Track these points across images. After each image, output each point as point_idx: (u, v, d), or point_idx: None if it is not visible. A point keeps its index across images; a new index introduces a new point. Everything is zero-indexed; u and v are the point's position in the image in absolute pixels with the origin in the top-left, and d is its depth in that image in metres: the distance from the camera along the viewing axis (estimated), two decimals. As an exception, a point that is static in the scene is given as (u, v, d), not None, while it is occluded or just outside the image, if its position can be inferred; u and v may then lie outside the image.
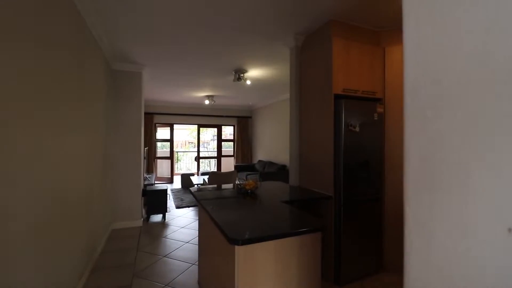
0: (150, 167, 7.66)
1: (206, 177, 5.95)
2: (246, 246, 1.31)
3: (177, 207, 5.30)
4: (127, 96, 4.14)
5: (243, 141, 9.01)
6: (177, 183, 8.24)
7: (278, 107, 7.30)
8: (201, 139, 9.21)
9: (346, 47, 2.53)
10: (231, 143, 9.33)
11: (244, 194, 2.39)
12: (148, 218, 4.49)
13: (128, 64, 4.07)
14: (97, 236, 3.10)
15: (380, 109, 2.67)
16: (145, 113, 7.48)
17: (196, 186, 6.04)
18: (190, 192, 2.57)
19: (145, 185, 4.89)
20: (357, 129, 2.47)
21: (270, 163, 7.03)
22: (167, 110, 8.10)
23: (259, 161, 7.91)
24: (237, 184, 2.54)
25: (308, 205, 2.70)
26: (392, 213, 2.71)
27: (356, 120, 2.49)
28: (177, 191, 6.83)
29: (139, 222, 4.19)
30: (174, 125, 8.40)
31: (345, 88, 2.50)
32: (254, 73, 4.52)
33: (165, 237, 3.73)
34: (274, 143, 7.55)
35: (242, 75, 4.34)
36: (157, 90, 6.22)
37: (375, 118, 2.63)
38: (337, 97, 2.49)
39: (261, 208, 1.93)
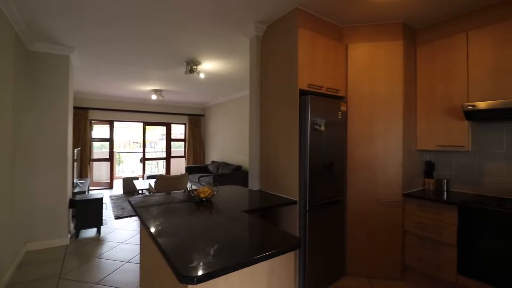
0: (84, 171, 6.58)
1: (152, 181, 5.29)
2: (203, 284, 0.96)
3: (117, 218, 4.56)
4: (49, 84, 3.35)
5: (195, 140, 8.44)
6: (118, 188, 7.27)
7: (234, 105, 6.97)
8: (148, 138, 8.34)
9: (311, 39, 2.34)
10: (182, 143, 8.66)
11: (198, 203, 2.01)
12: (77, 234, 3.71)
13: (51, 45, 3.29)
14: (0, 264, 2.35)
15: (343, 108, 2.56)
16: (77, 108, 6.43)
17: (140, 192, 5.34)
18: (130, 203, 2.08)
19: (74, 193, 4.07)
20: (323, 128, 2.31)
21: (225, 164, 6.67)
22: (106, 105, 7.08)
23: (213, 162, 7.47)
24: (190, 191, 2.14)
25: (269, 210, 2.44)
26: (354, 214, 2.63)
27: (321, 118, 2.32)
28: (118, 198, 5.97)
29: (65, 240, 3.42)
30: (115, 122, 7.39)
31: (311, 83, 2.32)
32: (208, 66, 4.11)
33: (99, 256, 3.08)
34: (229, 143, 7.20)
35: (195, 67, 3.90)
36: (93, 81, 5.31)
37: (339, 117, 2.51)
38: (302, 93, 2.29)
39: (219, 221, 1.58)
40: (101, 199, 3.82)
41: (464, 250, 2.17)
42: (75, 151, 4.80)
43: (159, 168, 9.90)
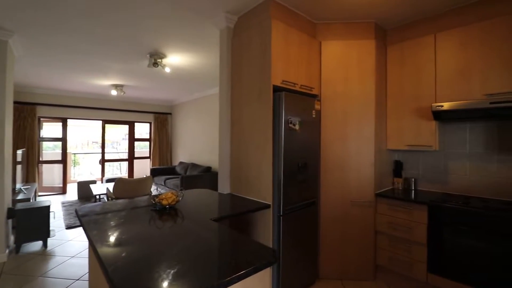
0: (31, 175, 5.81)
1: (111, 185, 4.80)
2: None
3: (69, 227, 4.05)
4: (-22, 73, 2.81)
5: (162, 140, 7.96)
6: (72, 193, 6.56)
7: (204, 103, 6.67)
8: (109, 138, 7.68)
9: (285, 33, 2.21)
10: (147, 143, 8.12)
11: (160, 212, 1.76)
12: (18, 248, 3.19)
13: (-20, 26, 2.77)
14: None
15: (317, 106, 2.47)
16: (21, 103, 5.68)
17: (97, 197, 4.83)
18: (76, 213, 1.76)
19: (15, 201, 3.51)
20: (297, 127, 2.19)
21: (193, 165, 6.34)
22: (58, 100, 6.34)
23: (180, 163, 7.09)
24: (150, 196, 1.88)
25: (241, 216, 2.26)
26: (327, 216, 2.56)
27: (296, 117, 2.20)
28: (71, 205, 5.36)
29: (1, 257, 2.91)
30: (69, 120, 6.66)
31: (284, 80, 2.18)
32: (175, 59, 3.81)
33: (44, 274, 2.65)
34: (198, 143, 6.88)
35: (160, 60, 3.58)
36: (41, 73, 4.68)
37: (313, 116, 2.41)
38: (276, 89, 2.15)
39: (183, 233, 1.37)
40: (47, 207, 3.33)
41: (434, 248, 2.20)
42: (18, 152, 4.18)
43: (121, 170, 9.21)
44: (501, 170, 2.29)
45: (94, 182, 6.15)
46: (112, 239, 1.27)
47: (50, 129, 7.07)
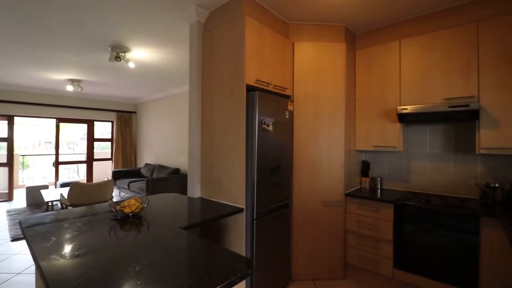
0: (-33, 180, 5.05)
1: (66, 190, 4.35)
2: None
3: (14, 239, 3.57)
4: None
5: (125, 141, 7.47)
6: (20, 200, 5.85)
7: (172, 101, 6.37)
8: (65, 138, 7.01)
9: (259, 31, 2.15)
10: (109, 143, 7.55)
11: (121, 221, 1.59)
12: None
13: None
14: None
15: (290, 107, 2.45)
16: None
17: (49, 204, 4.34)
18: (20, 226, 1.52)
19: None
20: (271, 127, 2.14)
21: (160, 167, 6.03)
22: (3, 96, 5.62)
23: (146, 164, 6.70)
24: (111, 204, 1.69)
25: (213, 222, 2.15)
26: (299, 217, 2.56)
27: (269, 117, 2.15)
28: (18, 213, 4.76)
29: None
30: (16, 118, 5.93)
31: (258, 79, 2.12)
32: (140, 54, 3.56)
33: (-21, 296, 2.29)
34: (165, 144, 6.56)
35: (123, 54, 3.31)
36: (-22, 63, 4.08)
37: (286, 117, 2.39)
38: (249, 89, 2.08)
39: (149, 246, 1.24)
40: (-14, 217, 2.89)
41: (399, 245, 2.30)
42: None
43: (79, 174, 8.48)
44: (457, 169, 2.47)
45: (46, 187, 5.54)
46: (63, 256, 1.10)
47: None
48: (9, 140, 5.92)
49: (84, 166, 7.26)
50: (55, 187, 6.01)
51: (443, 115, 2.25)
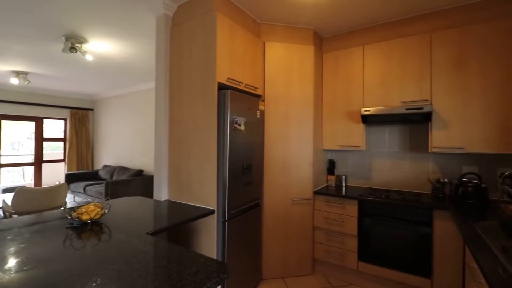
0: None
1: (10, 196, 3.85)
2: None
3: None
4: None
5: (81, 140, 6.86)
6: (-52, 208, 5.02)
7: (135, 98, 6.00)
8: (8, 138, 6.21)
9: (231, 28, 2.11)
10: (61, 144, 6.87)
11: (79, 229, 1.44)
12: None
13: None
14: None
15: (262, 107, 2.45)
16: None
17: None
18: (-51, 241, 1.29)
19: None
20: (243, 127, 2.11)
21: (122, 169, 5.65)
22: None
23: (105, 166, 6.23)
24: (65, 210, 1.52)
25: (182, 225, 2.06)
26: (270, 215, 2.57)
27: (241, 117, 2.12)
28: None
29: None
30: None
31: (230, 77, 2.08)
32: (100, 46, 3.28)
33: None
34: (127, 143, 6.16)
35: (79, 45, 3.02)
36: None
37: (258, 116, 2.38)
38: (220, 87, 2.03)
39: (112, 255, 1.13)
40: None
41: (363, 238, 2.43)
42: None
43: (25, 177, 7.58)
44: (412, 166, 2.70)
45: (-17, 193, 4.84)
46: (6, 271, 0.95)
47: None
48: None
49: (31, 168, 6.50)
50: (-5, 193, 5.28)
51: (400, 117, 2.43)
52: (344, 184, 3.00)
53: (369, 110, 2.53)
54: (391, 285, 2.32)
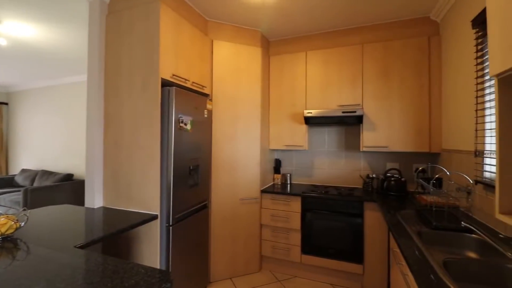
0: None
1: None
2: None
3: None
4: None
5: (-11, 140, 5.70)
6: None
7: (62, 92, 5.25)
8: None
9: (176, 22, 2.01)
10: (-40, 144, 5.59)
11: (-16, 247, 1.19)
12: None
13: None
14: None
15: (209, 106, 2.40)
16: None
17: None
18: None
19: None
20: (189, 126, 2.04)
21: (45, 173, 4.88)
22: None
23: (24, 170, 5.31)
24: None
25: (120, 235, 1.88)
26: (218, 216, 2.55)
27: (187, 115, 2.04)
28: None
29: None
30: None
31: (175, 74, 1.98)
32: (16, 28, 2.77)
33: None
34: (52, 144, 5.35)
35: (-16, 25, 2.50)
36: None
37: (205, 116, 2.32)
38: (165, 83, 1.92)
39: (30, 275, 0.96)
40: None
41: (305, 233, 2.59)
42: None
43: None
44: (347, 164, 2.98)
45: None
46: None
47: None
48: None
49: None
50: None
51: (338, 119, 2.67)
52: (289, 182, 3.14)
53: (311, 112, 2.71)
54: (331, 273, 2.52)
